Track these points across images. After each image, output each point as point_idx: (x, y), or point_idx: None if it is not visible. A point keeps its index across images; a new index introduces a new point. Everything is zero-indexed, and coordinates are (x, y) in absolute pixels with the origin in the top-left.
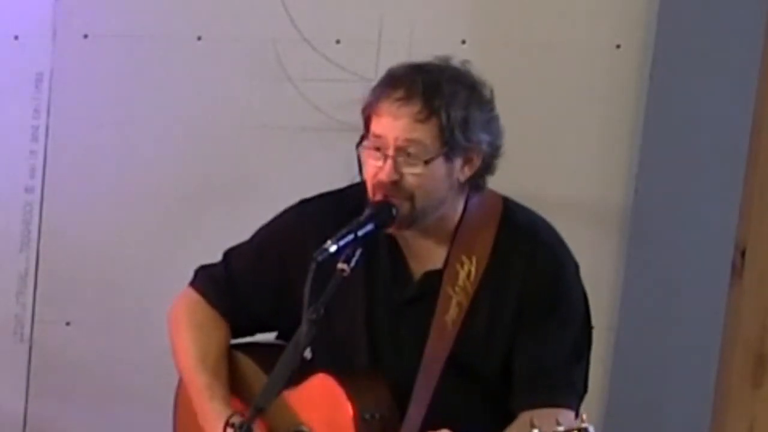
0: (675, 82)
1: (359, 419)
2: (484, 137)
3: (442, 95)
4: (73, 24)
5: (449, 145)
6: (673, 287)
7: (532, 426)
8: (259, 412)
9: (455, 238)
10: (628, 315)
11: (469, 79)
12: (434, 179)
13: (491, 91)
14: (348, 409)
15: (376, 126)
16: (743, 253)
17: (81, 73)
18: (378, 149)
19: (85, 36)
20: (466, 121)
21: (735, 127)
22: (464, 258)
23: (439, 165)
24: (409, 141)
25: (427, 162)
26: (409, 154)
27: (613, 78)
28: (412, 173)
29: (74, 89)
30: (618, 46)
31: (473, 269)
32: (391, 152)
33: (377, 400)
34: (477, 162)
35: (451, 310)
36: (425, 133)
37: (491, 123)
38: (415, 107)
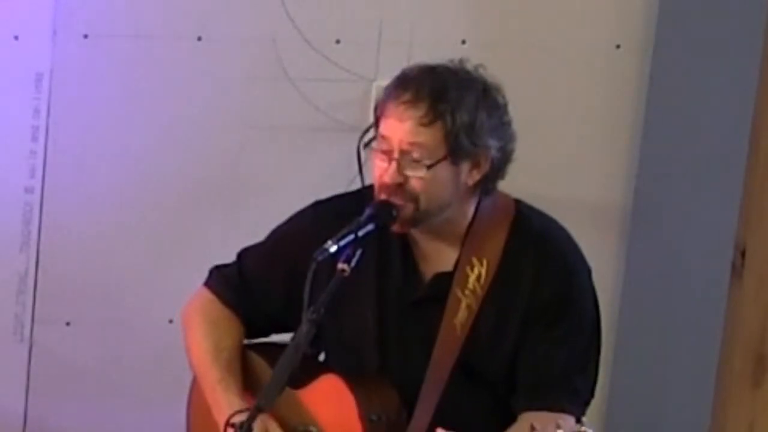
0: (675, 82)
1: (366, 420)
2: (493, 142)
3: (448, 99)
4: (73, 24)
5: (454, 149)
6: (673, 287)
7: (533, 429)
8: (259, 412)
9: (466, 241)
10: (628, 315)
11: (480, 83)
12: (439, 183)
13: (504, 96)
14: (355, 410)
15: (384, 127)
16: (743, 253)
17: (81, 73)
18: (384, 151)
19: (85, 36)
20: (472, 126)
21: (735, 127)
22: (475, 261)
23: (444, 169)
24: (413, 144)
25: (430, 166)
26: (413, 158)
27: (613, 78)
28: (416, 176)
29: (74, 89)
30: (618, 46)
31: (483, 272)
32: (395, 155)
33: (384, 402)
34: (485, 166)
35: (460, 313)
36: (429, 137)
37: (501, 128)
38: (420, 111)
